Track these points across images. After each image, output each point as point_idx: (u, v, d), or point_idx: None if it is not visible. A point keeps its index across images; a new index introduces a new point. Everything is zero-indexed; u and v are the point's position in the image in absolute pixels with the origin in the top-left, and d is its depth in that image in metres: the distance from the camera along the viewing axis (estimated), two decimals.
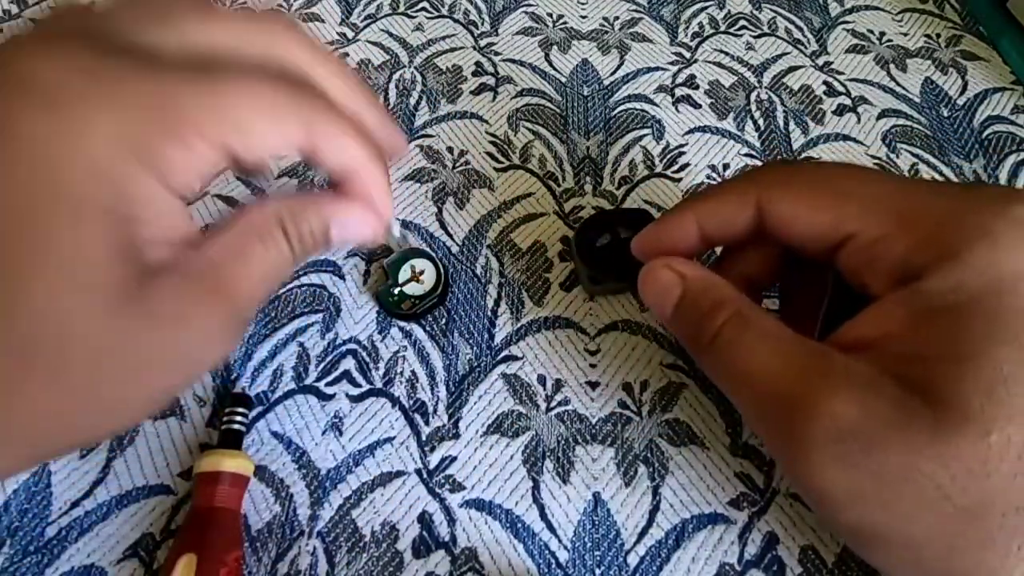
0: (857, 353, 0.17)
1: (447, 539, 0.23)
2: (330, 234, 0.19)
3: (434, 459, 0.25)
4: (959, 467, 0.15)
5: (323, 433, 0.25)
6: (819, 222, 0.19)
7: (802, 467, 0.16)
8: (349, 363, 0.27)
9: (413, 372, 0.27)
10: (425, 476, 0.24)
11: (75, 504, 0.23)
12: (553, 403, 0.26)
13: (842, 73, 0.38)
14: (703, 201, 0.21)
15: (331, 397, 0.26)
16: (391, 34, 0.39)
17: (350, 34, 0.39)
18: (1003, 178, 0.33)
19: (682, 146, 0.34)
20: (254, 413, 0.25)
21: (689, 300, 0.20)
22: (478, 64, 0.37)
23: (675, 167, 0.33)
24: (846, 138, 0.35)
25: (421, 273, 0.27)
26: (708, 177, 0.33)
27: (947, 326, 0.16)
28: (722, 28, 0.40)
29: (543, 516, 0.24)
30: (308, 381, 0.26)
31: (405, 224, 0.31)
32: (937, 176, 0.33)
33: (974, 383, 0.15)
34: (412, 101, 0.35)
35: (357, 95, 0.20)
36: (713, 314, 0.19)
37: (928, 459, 0.15)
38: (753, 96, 0.36)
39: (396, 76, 0.37)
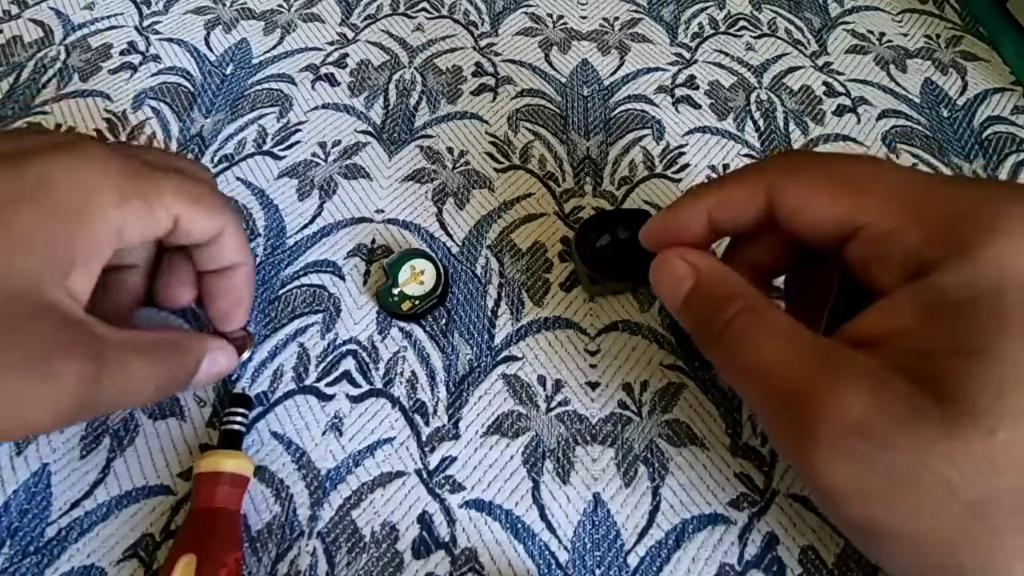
0: (866, 349, 0.17)
1: (447, 539, 0.23)
2: (200, 368, 0.23)
3: (434, 459, 0.25)
4: (967, 464, 0.15)
5: (323, 433, 0.25)
6: (830, 213, 0.19)
7: (809, 462, 0.16)
8: (349, 363, 0.27)
9: (413, 372, 0.27)
10: (425, 476, 0.24)
11: (75, 504, 0.23)
12: (553, 403, 0.26)
13: (842, 73, 0.38)
14: (713, 190, 0.21)
15: (331, 397, 0.26)
16: (391, 34, 0.39)
17: (350, 34, 0.39)
18: (1003, 178, 0.33)
19: (682, 146, 0.34)
20: (254, 413, 0.25)
21: (701, 291, 0.20)
22: (478, 64, 0.37)
23: (675, 167, 0.33)
24: (846, 138, 0.35)
25: (421, 273, 0.27)
26: (708, 178, 0.33)
27: (958, 322, 0.16)
28: (722, 29, 0.40)
29: (543, 516, 0.24)
30: (308, 381, 0.26)
31: (405, 224, 0.31)
32: None
33: (984, 380, 0.15)
34: (412, 101, 0.35)
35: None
36: (724, 306, 0.19)
37: (936, 456, 0.15)
38: (753, 96, 0.36)
39: (396, 76, 0.37)
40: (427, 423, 0.25)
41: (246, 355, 0.26)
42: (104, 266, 0.20)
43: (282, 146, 0.33)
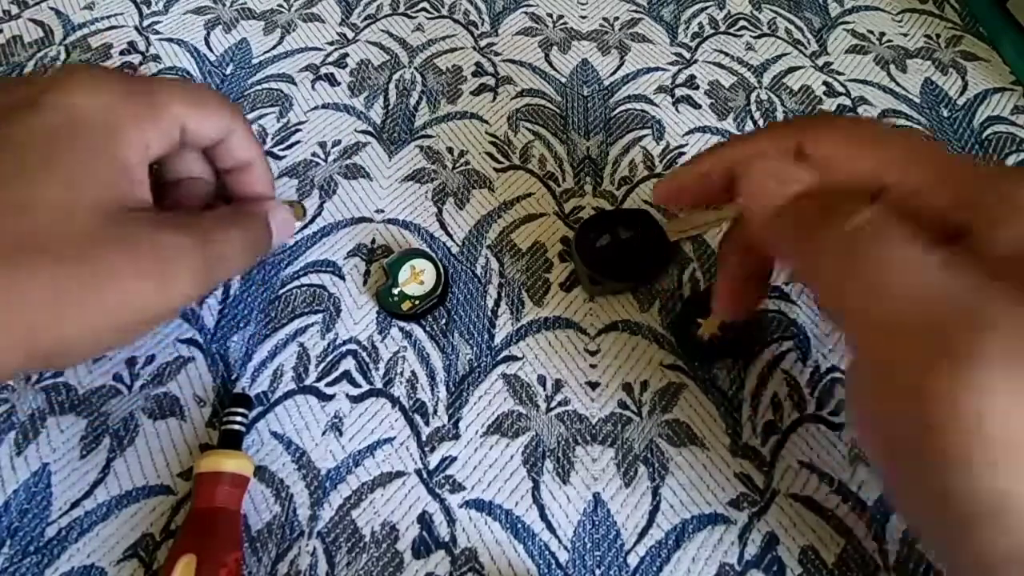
0: None
1: (447, 539, 0.23)
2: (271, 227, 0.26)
3: (434, 459, 0.25)
4: None
5: (323, 433, 0.25)
6: (858, 168, 0.18)
7: (951, 394, 0.14)
8: (349, 363, 0.27)
9: (413, 372, 0.27)
10: (425, 476, 0.24)
11: (75, 504, 0.23)
12: (553, 403, 0.26)
13: (842, 73, 0.38)
14: (740, 143, 0.21)
15: (331, 397, 0.26)
16: (391, 34, 0.39)
17: (350, 34, 0.39)
18: None
19: (682, 146, 0.34)
20: (254, 413, 0.25)
21: (817, 193, 0.18)
22: (478, 64, 0.37)
23: (675, 167, 0.33)
24: None
25: (421, 273, 0.27)
26: None
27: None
28: (722, 28, 0.40)
29: (543, 516, 0.24)
30: (308, 381, 0.26)
31: (405, 224, 0.31)
32: None
33: None
34: (412, 101, 0.35)
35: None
36: (851, 210, 0.17)
37: None
38: (753, 96, 0.36)
39: (396, 76, 0.37)
40: (427, 423, 0.25)
41: (299, 223, 0.30)
42: None
43: (282, 146, 0.33)
